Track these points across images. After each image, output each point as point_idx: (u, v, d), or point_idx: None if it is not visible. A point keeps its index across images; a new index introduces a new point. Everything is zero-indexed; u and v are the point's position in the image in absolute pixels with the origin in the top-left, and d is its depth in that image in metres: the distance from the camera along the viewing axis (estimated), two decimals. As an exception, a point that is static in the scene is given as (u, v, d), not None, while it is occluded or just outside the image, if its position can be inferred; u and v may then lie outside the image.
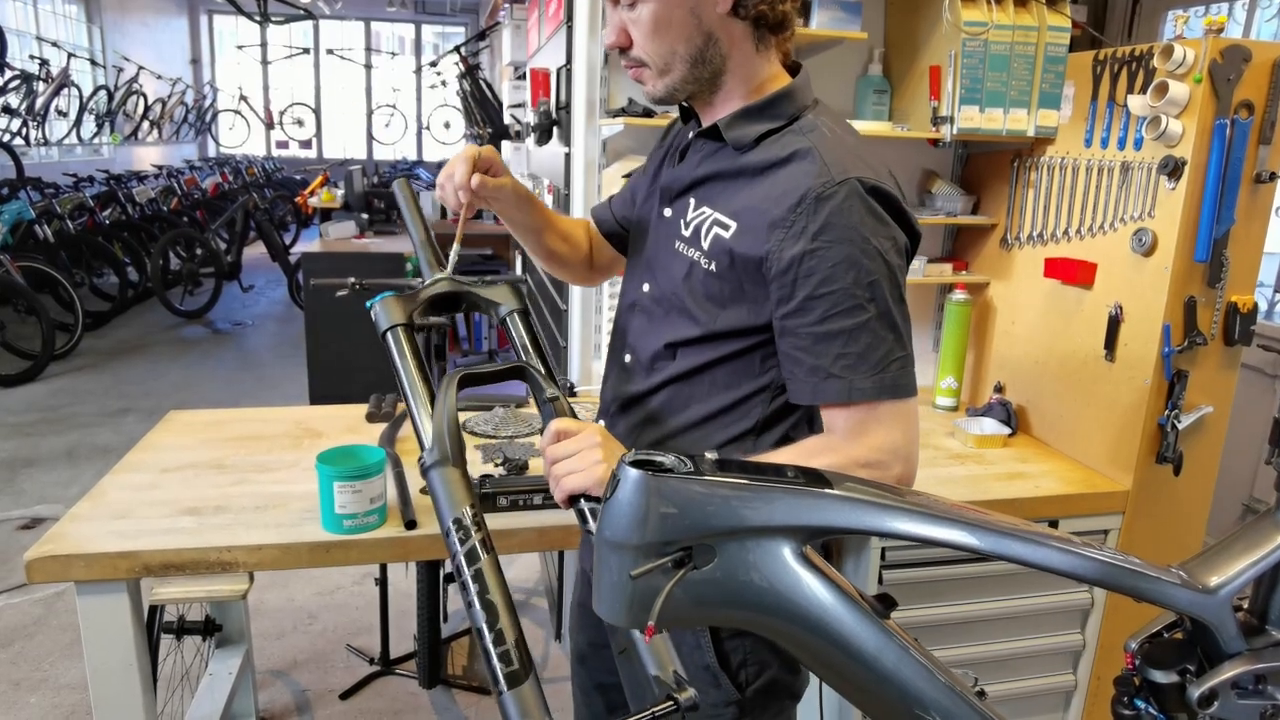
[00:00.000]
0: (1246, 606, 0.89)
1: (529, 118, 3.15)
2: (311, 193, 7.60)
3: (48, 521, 3.79)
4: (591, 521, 1.05)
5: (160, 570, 1.57)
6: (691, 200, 1.26)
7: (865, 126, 2.30)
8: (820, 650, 0.75)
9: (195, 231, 8.72)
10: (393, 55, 16.19)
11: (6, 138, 8.52)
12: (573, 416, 1.13)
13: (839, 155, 1.13)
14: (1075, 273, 2.16)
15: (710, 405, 1.26)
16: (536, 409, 1.68)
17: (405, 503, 1.72)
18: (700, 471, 0.72)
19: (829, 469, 1.02)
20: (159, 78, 12.84)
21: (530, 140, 3.54)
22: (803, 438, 1.26)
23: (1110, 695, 0.91)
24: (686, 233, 1.25)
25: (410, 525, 1.67)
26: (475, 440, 2.15)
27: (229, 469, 1.93)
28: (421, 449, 1.07)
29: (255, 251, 10.43)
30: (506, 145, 3.89)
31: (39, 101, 9.16)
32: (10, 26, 9.42)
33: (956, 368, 2.49)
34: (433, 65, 11.92)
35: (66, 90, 9.73)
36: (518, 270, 4.17)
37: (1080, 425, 2.19)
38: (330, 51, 15.64)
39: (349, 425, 2.21)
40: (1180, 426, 1.99)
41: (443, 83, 13.53)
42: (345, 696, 2.76)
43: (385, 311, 1.18)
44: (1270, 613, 0.86)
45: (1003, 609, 2.06)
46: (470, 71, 7.30)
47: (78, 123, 10.16)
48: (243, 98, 15.11)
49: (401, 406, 2.27)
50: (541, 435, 1.12)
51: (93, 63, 11.28)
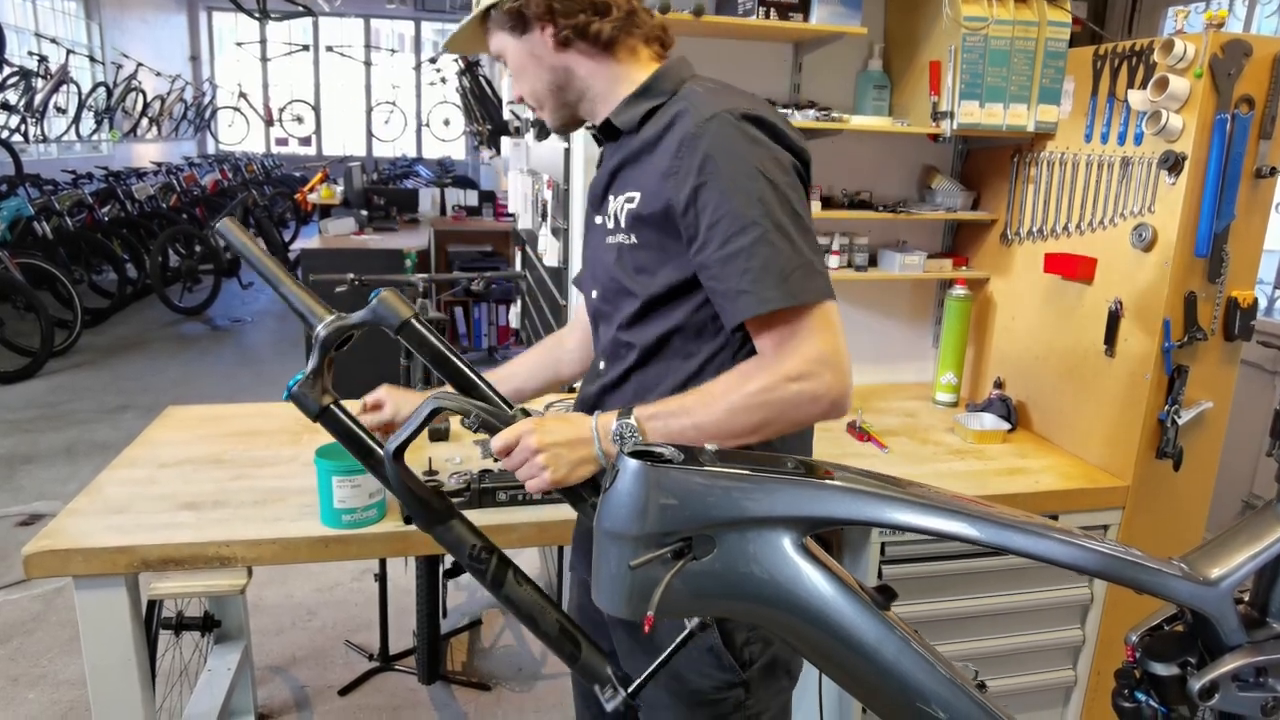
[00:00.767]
0: (1247, 599, 0.88)
1: (528, 113, 3.14)
2: (311, 189, 7.60)
3: (46, 518, 3.79)
4: (582, 505, 1.13)
5: (158, 565, 1.56)
6: (610, 197, 1.34)
7: (865, 122, 2.29)
8: (820, 642, 0.75)
9: (194, 228, 8.70)
10: (392, 52, 16.18)
11: (5, 134, 8.49)
12: (500, 417, 1.15)
13: (709, 100, 1.21)
14: (1075, 268, 2.15)
15: (678, 375, 1.29)
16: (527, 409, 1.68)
17: (404, 497, 1.72)
18: (700, 462, 0.72)
19: (762, 388, 1.08)
20: (158, 74, 12.82)
21: (529, 136, 3.53)
22: None
23: (1110, 690, 0.91)
24: (610, 224, 1.33)
25: (409, 520, 1.66)
26: (473, 436, 2.14)
27: (227, 464, 1.92)
28: (416, 521, 1.20)
29: (254, 248, 10.41)
30: (506, 141, 3.88)
31: (38, 98, 9.14)
32: (9, 23, 9.41)
33: (956, 363, 2.49)
34: (432, 62, 11.91)
35: (65, 87, 9.71)
36: (517, 266, 4.16)
37: (1080, 420, 2.19)
38: (330, 48, 15.63)
39: (348, 421, 2.20)
40: (1180, 422, 1.98)
41: (442, 79, 13.51)
42: (344, 692, 2.75)
43: (304, 397, 1.17)
44: (1271, 605, 0.86)
45: (1002, 604, 2.06)
46: (470, 68, 7.28)
47: (76, 119, 10.14)
48: (242, 95, 15.08)
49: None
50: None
51: (91, 59, 11.26)
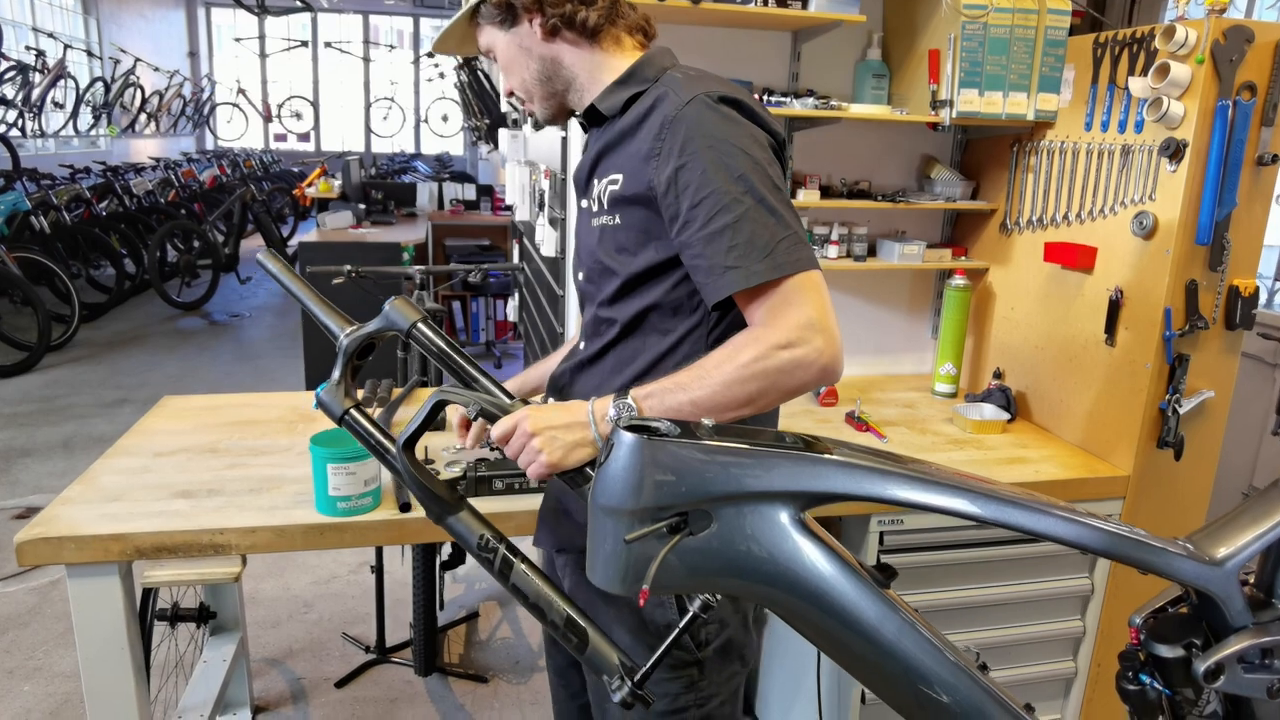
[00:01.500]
0: (1253, 581, 0.87)
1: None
2: (309, 184, 7.58)
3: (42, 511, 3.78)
4: (581, 490, 1.14)
5: (152, 553, 1.55)
6: (594, 180, 1.36)
7: (864, 110, 2.28)
8: (819, 621, 0.73)
9: (193, 223, 8.67)
10: (391, 48, 16.15)
11: (2, 129, 8.48)
12: (500, 406, 1.17)
13: (687, 85, 1.24)
14: (1075, 257, 2.14)
15: (654, 351, 1.32)
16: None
17: (400, 486, 1.70)
18: (697, 436, 0.70)
19: (754, 359, 1.08)
20: (156, 70, 12.80)
21: (527, 127, 3.52)
22: None
23: (1111, 683, 0.89)
24: (595, 207, 1.35)
25: (405, 508, 1.65)
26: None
27: (223, 453, 1.91)
28: (427, 512, 1.21)
29: (253, 244, 10.41)
30: (504, 134, 3.86)
31: (35, 93, 9.12)
32: (6, 17, 9.39)
33: (955, 354, 2.48)
34: (430, 56, 11.88)
35: (63, 82, 9.69)
36: (515, 258, 4.15)
37: (1080, 410, 2.17)
38: (328, 44, 15.60)
39: (344, 410, 2.19)
40: (1181, 411, 1.97)
41: (440, 75, 13.50)
42: (341, 685, 2.74)
43: (331, 400, 1.26)
44: (1277, 586, 0.84)
45: (1002, 595, 2.05)
46: (468, 62, 7.26)
47: (74, 114, 10.12)
48: (240, 90, 15.06)
49: (397, 391, 2.25)
50: None
51: (89, 54, 11.24)
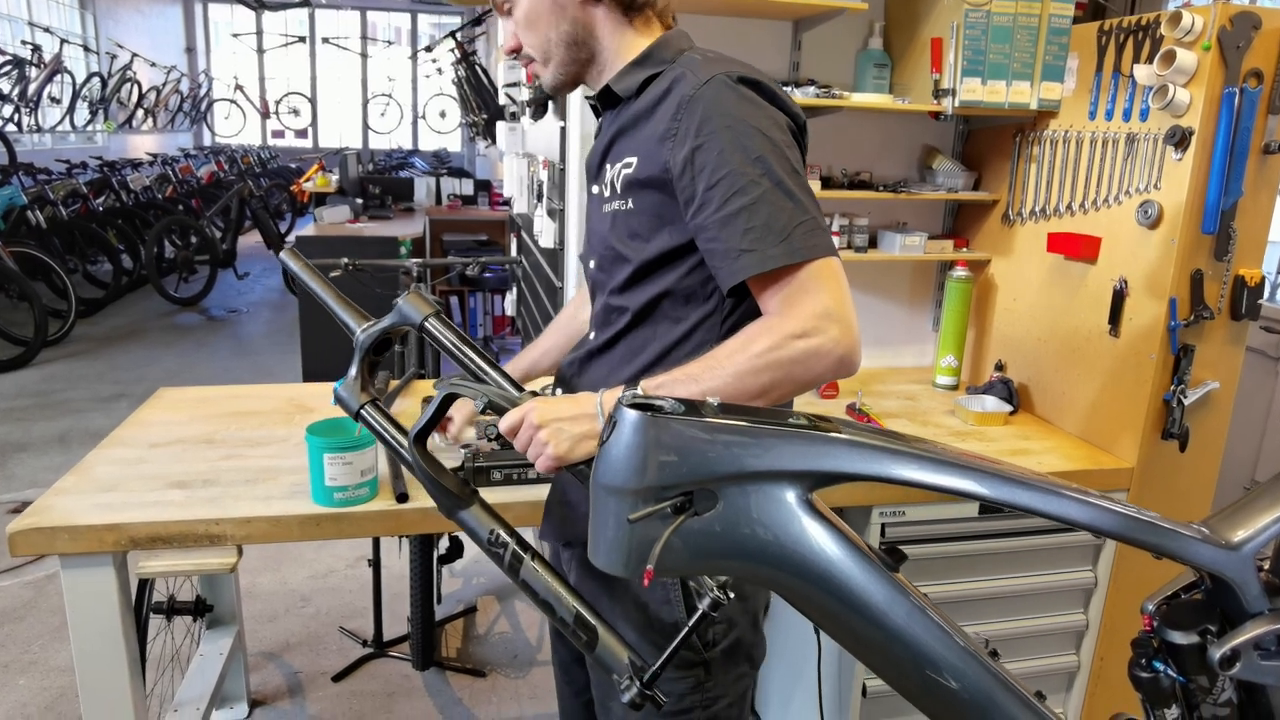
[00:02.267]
0: (1269, 567, 0.85)
1: (524, 95, 3.10)
2: (307, 179, 7.56)
3: (38, 505, 3.76)
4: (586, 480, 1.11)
5: (147, 543, 1.53)
6: (608, 165, 1.33)
7: (866, 99, 2.26)
8: (826, 604, 0.72)
9: (190, 219, 8.65)
10: (388, 44, 16.11)
11: (-1, 123, 8.46)
12: (508, 399, 1.16)
13: (705, 65, 1.20)
14: (1079, 247, 2.12)
15: (666, 340, 1.29)
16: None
17: (397, 476, 1.69)
18: (701, 414, 0.68)
19: (768, 348, 1.06)
20: (153, 65, 12.76)
21: (525, 119, 3.50)
22: None
23: (1114, 677, 0.88)
24: (607, 193, 1.32)
25: (402, 499, 1.63)
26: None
27: (219, 444, 1.89)
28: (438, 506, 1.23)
29: (250, 240, 10.39)
30: (501, 127, 3.85)
31: (31, 87, 9.09)
32: (1, 11, 9.35)
33: (957, 346, 2.46)
34: (428, 50, 11.84)
35: (59, 76, 9.65)
36: (513, 252, 4.13)
37: (1084, 402, 2.16)
38: (326, 40, 15.57)
39: (341, 402, 2.17)
40: (1186, 402, 1.95)
41: (438, 70, 13.47)
42: (338, 679, 2.72)
43: (349, 395, 1.30)
44: (1293, 571, 0.83)
45: (1005, 587, 2.03)
46: (466, 57, 7.24)
47: (71, 109, 10.08)
48: (238, 87, 15.02)
49: (394, 383, 2.23)
50: None
51: (86, 49, 11.20)
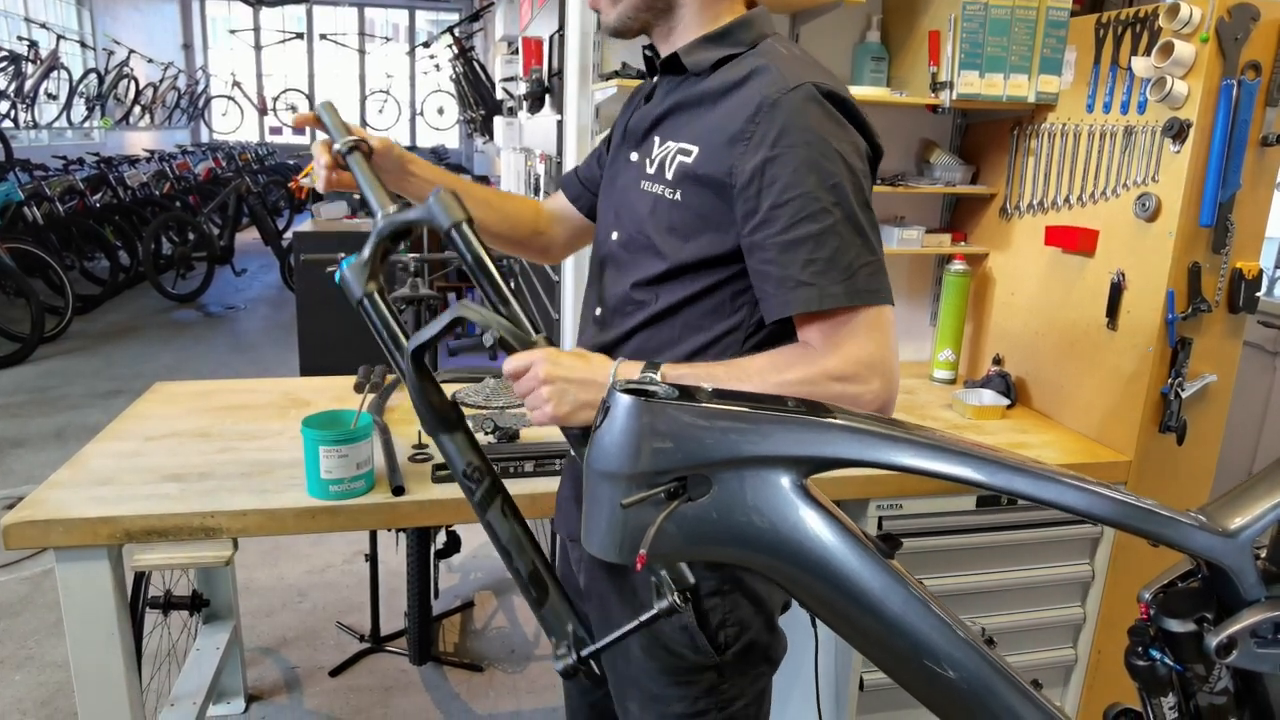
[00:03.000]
0: (1265, 555, 0.85)
1: (521, 89, 3.10)
2: (304, 176, 7.55)
3: (35, 501, 3.75)
4: (581, 448, 1.07)
5: (142, 536, 1.52)
6: (656, 138, 1.24)
7: (863, 93, 2.25)
8: (820, 591, 0.71)
9: (187, 216, 8.64)
10: (386, 40, 16.09)
11: (-5, 120, 8.44)
12: (520, 340, 1.08)
13: (794, 67, 1.12)
14: (1077, 240, 2.12)
15: (683, 348, 1.22)
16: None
17: (393, 469, 1.68)
18: (696, 400, 0.68)
19: (801, 380, 1.01)
20: (150, 62, 12.74)
21: (523, 113, 3.49)
22: None
23: (1112, 670, 0.88)
24: (651, 170, 1.22)
25: (398, 491, 1.63)
26: (467, 410, 2.10)
27: (214, 437, 1.88)
28: (422, 424, 1.16)
29: (248, 236, 10.37)
30: (499, 121, 3.84)
31: (28, 84, 9.07)
32: (-2, 7, 9.33)
33: (954, 340, 2.46)
34: (425, 46, 11.83)
35: (56, 73, 9.63)
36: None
37: (1081, 395, 2.15)
38: (324, 36, 15.53)
39: (337, 395, 2.17)
40: (1184, 395, 1.95)
41: (436, 67, 13.45)
42: (335, 674, 2.72)
43: (354, 279, 1.19)
44: (1290, 559, 0.82)
45: (1002, 581, 2.02)
46: (464, 53, 7.23)
47: (68, 106, 10.06)
48: (236, 83, 15.00)
49: (391, 376, 2.23)
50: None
51: (83, 45, 11.17)
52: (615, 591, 1.29)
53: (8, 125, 8.68)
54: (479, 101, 6.83)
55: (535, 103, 2.58)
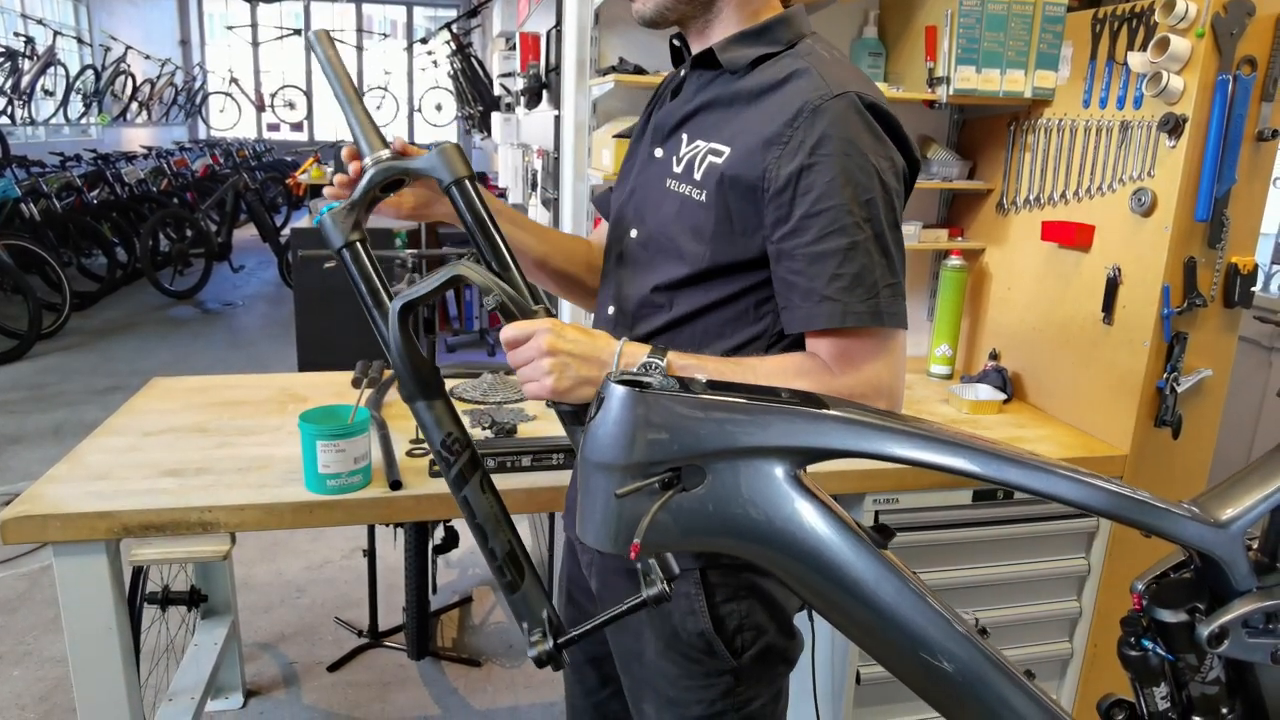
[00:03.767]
0: (1257, 546, 0.86)
1: (518, 84, 3.10)
2: (302, 172, 7.55)
3: (33, 497, 3.75)
4: (573, 425, 1.05)
5: (139, 531, 1.53)
6: (684, 135, 1.20)
7: (861, 88, 2.25)
8: (814, 582, 0.72)
9: (185, 212, 8.63)
10: (384, 37, 16.07)
11: (-9, 116, 8.43)
12: (521, 307, 1.05)
13: (837, 72, 1.09)
14: (1073, 235, 2.12)
15: (705, 353, 1.17)
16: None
17: (390, 464, 1.69)
18: (691, 390, 0.68)
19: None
20: (147, 58, 12.72)
21: (520, 108, 3.49)
22: None
23: (1107, 664, 0.88)
24: (678, 169, 1.18)
25: (395, 486, 1.63)
26: (464, 406, 2.11)
27: (212, 432, 1.89)
28: (401, 388, 1.11)
29: (246, 233, 10.36)
30: (496, 117, 3.84)
31: (24, 80, 9.05)
32: (-5, 4, 9.32)
33: (951, 335, 2.46)
34: (423, 42, 11.83)
35: (52, 69, 9.62)
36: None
37: (1077, 390, 2.16)
38: (321, 33, 15.50)
39: (335, 391, 2.17)
40: (1179, 389, 1.96)
41: (434, 63, 13.44)
42: (333, 669, 2.73)
43: (335, 227, 1.11)
44: (1282, 549, 0.83)
45: (998, 575, 2.03)
46: (462, 49, 7.23)
47: (64, 102, 10.05)
48: (233, 80, 14.98)
49: (388, 372, 2.23)
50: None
51: (79, 41, 11.15)
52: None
53: (4, 122, 8.67)
54: (477, 98, 6.83)
55: (533, 98, 2.58)
